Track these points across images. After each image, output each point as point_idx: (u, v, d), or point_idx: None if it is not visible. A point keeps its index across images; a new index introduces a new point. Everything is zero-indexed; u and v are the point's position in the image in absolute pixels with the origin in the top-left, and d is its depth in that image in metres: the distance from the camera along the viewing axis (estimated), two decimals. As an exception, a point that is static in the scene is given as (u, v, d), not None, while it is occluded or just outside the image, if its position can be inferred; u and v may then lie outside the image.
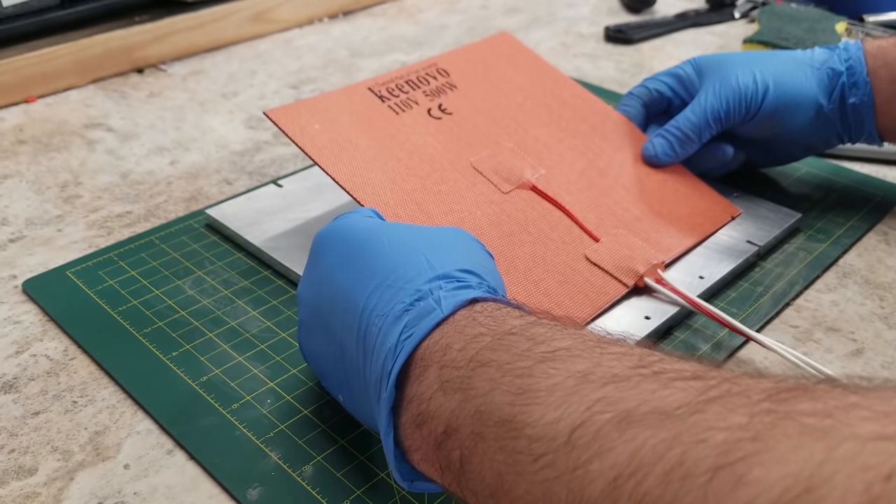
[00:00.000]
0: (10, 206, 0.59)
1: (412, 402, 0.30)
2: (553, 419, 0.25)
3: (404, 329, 0.31)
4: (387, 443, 0.30)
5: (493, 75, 0.59)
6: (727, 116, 0.54)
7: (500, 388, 0.27)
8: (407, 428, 0.30)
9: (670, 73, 0.59)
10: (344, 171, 0.47)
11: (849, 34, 0.91)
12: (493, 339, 0.29)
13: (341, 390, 0.37)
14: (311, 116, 0.50)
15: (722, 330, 0.46)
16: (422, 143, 0.51)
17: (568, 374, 0.26)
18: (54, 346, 0.45)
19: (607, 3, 1.03)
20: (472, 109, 0.55)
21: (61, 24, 0.79)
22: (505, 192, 0.50)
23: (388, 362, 0.30)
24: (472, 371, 0.28)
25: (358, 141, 0.50)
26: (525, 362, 0.27)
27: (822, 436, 0.19)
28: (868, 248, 0.54)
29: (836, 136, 0.55)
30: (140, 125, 0.71)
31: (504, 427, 0.26)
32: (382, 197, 0.47)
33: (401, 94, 0.54)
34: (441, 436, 0.28)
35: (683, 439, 0.21)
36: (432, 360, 0.30)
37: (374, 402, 0.32)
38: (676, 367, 0.25)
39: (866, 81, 0.53)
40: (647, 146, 0.56)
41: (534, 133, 0.56)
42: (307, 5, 0.94)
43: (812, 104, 0.53)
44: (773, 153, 0.58)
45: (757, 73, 0.53)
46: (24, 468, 0.38)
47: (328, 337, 0.35)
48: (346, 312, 0.34)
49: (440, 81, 0.56)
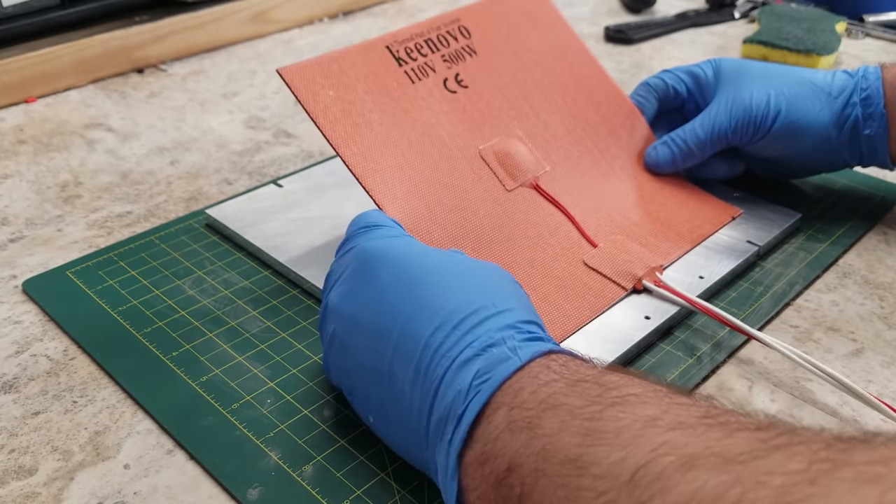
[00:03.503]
0: (10, 206, 0.59)
1: (477, 441, 0.30)
2: (618, 459, 0.25)
3: (477, 374, 0.31)
4: (451, 485, 0.30)
5: (516, 41, 0.57)
6: (734, 135, 0.54)
7: (569, 430, 0.27)
8: (469, 467, 0.30)
9: (689, 71, 0.58)
10: (354, 152, 0.46)
11: (849, 34, 0.91)
12: (565, 386, 0.30)
13: (373, 412, 0.36)
14: (325, 79, 0.48)
15: (722, 330, 0.46)
16: (434, 123, 0.50)
17: (636, 417, 0.27)
18: (54, 346, 0.45)
19: (607, 3, 1.03)
20: (488, 83, 0.54)
21: (61, 24, 0.79)
22: (509, 190, 0.50)
23: (459, 404, 0.31)
24: (542, 412, 0.29)
25: (371, 115, 0.48)
26: (595, 407, 0.28)
27: (875, 482, 0.21)
28: (868, 248, 0.54)
29: (843, 163, 0.56)
30: (140, 125, 0.71)
31: (569, 465, 0.26)
32: (390, 186, 0.46)
33: (419, 58, 0.52)
34: (503, 473, 0.28)
35: (743, 481, 0.22)
36: (503, 402, 0.30)
37: (434, 441, 0.32)
38: (741, 419, 0.26)
39: (882, 113, 0.52)
40: (650, 152, 0.56)
41: (545, 119, 0.55)
42: (307, 5, 0.94)
43: (821, 134, 0.53)
44: (775, 170, 0.58)
45: (772, 93, 0.53)
46: (24, 468, 0.38)
47: (370, 358, 0.35)
48: (403, 342, 0.34)
49: (461, 43, 0.54)
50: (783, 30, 0.84)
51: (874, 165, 0.55)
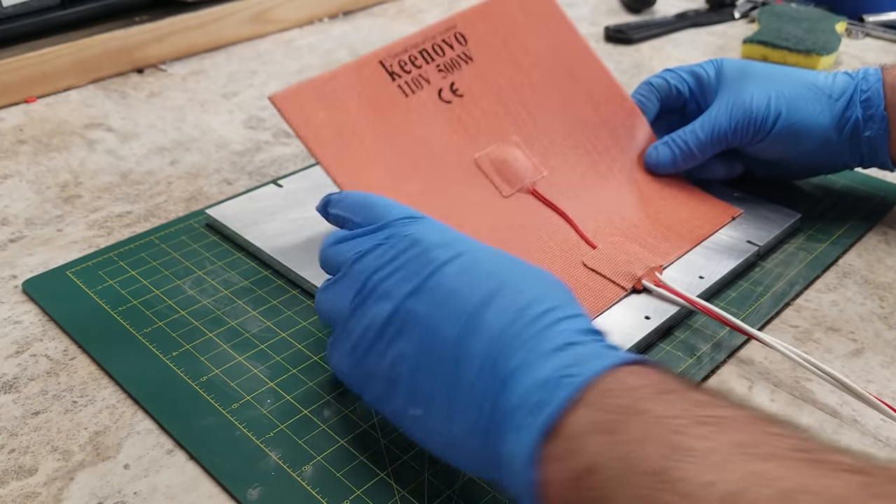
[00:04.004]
0: (10, 206, 0.59)
1: (559, 436, 0.30)
2: (708, 481, 0.25)
3: (560, 368, 0.31)
4: (528, 472, 0.30)
5: (513, 43, 0.56)
6: (734, 137, 0.54)
7: (654, 440, 0.27)
8: (548, 460, 0.30)
9: (692, 71, 0.58)
10: (346, 172, 0.47)
11: (849, 34, 0.91)
12: (652, 394, 0.29)
13: (421, 404, 0.34)
14: (317, 101, 0.48)
15: (722, 329, 0.46)
16: (428, 136, 0.50)
17: (727, 441, 0.26)
18: (54, 345, 0.45)
19: (607, 3, 1.03)
20: (484, 90, 0.54)
21: (61, 24, 0.79)
22: (505, 197, 0.50)
23: (537, 394, 0.30)
24: (627, 417, 0.28)
25: (363, 132, 0.48)
26: (681, 420, 0.28)
27: None
28: (868, 248, 0.54)
29: (844, 165, 0.56)
30: (140, 125, 0.71)
31: (653, 478, 0.26)
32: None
33: (413, 70, 0.52)
34: (583, 472, 0.28)
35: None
36: (589, 401, 0.30)
37: (501, 428, 0.31)
38: (838, 457, 0.25)
39: (883, 116, 0.52)
40: (651, 152, 0.56)
41: (542, 124, 0.55)
42: (307, 5, 0.94)
43: (821, 136, 0.53)
44: (775, 171, 0.58)
45: (773, 95, 0.53)
46: (24, 468, 0.38)
47: (431, 344, 0.34)
48: (477, 330, 0.33)
49: (456, 51, 0.54)
50: (783, 30, 0.84)
51: (874, 167, 0.55)
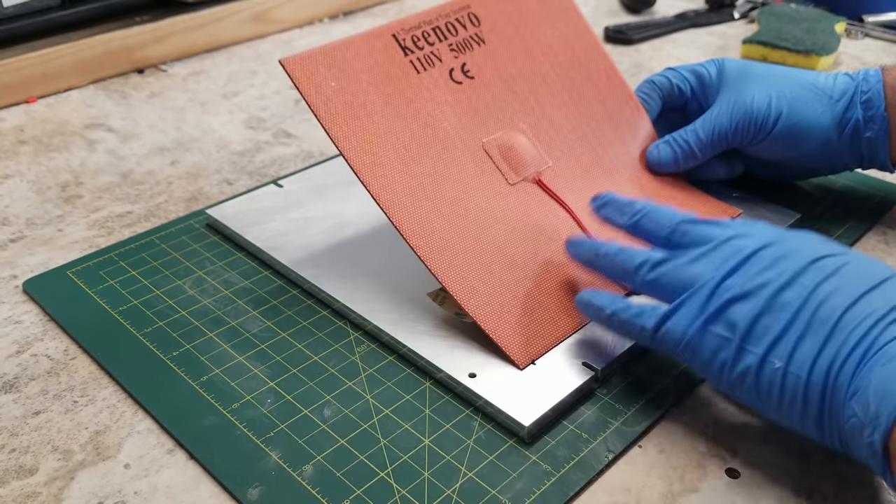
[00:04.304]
0: (10, 206, 0.59)
1: None
2: None
3: None
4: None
5: (526, 30, 0.56)
6: (734, 137, 0.54)
7: None
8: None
9: (694, 70, 0.58)
10: (353, 146, 0.46)
11: (848, 34, 0.91)
12: None
13: (779, 356, 0.36)
14: (328, 70, 0.47)
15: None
16: (438, 114, 0.50)
17: None
18: (55, 345, 0.46)
19: (607, 4, 1.03)
20: (495, 74, 0.54)
21: (62, 25, 0.79)
22: (511, 184, 0.50)
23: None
24: None
25: (373, 107, 0.48)
26: None
27: None
28: (868, 248, 0.54)
29: (844, 166, 0.56)
30: (140, 125, 0.71)
31: None
32: (389, 179, 0.46)
33: (426, 46, 0.52)
34: None
35: None
36: None
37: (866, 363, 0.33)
38: None
39: (883, 116, 0.52)
40: (653, 151, 0.56)
41: (550, 114, 0.55)
42: (307, 5, 0.94)
43: (822, 137, 0.53)
44: (775, 171, 0.58)
45: (774, 96, 0.53)
46: (24, 468, 0.38)
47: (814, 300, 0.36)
48: (866, 298, 0.35)
49: (469, 32, 0.54)
50: (783, 30, 0.84)
51: (874, 168, 0.55)
